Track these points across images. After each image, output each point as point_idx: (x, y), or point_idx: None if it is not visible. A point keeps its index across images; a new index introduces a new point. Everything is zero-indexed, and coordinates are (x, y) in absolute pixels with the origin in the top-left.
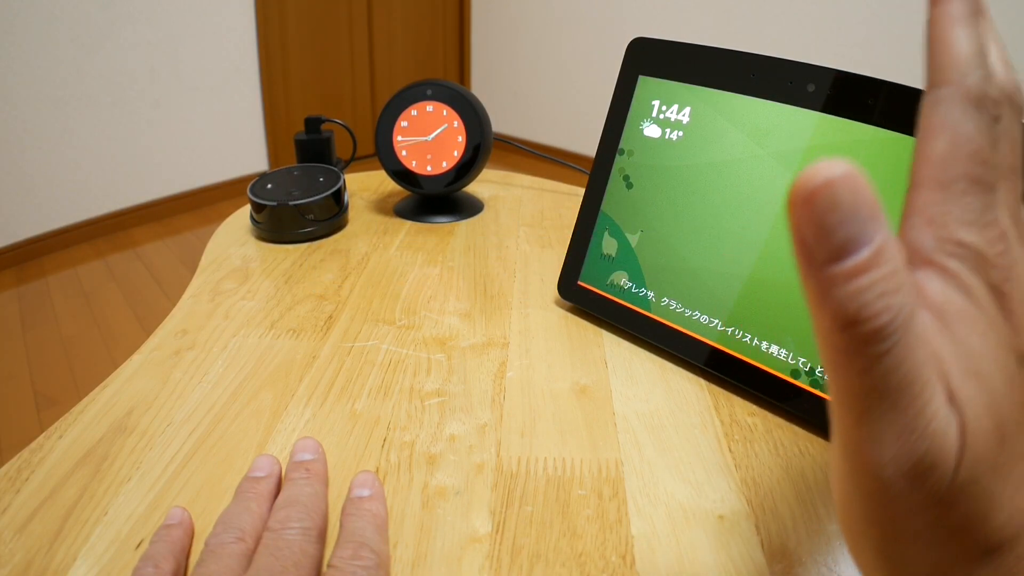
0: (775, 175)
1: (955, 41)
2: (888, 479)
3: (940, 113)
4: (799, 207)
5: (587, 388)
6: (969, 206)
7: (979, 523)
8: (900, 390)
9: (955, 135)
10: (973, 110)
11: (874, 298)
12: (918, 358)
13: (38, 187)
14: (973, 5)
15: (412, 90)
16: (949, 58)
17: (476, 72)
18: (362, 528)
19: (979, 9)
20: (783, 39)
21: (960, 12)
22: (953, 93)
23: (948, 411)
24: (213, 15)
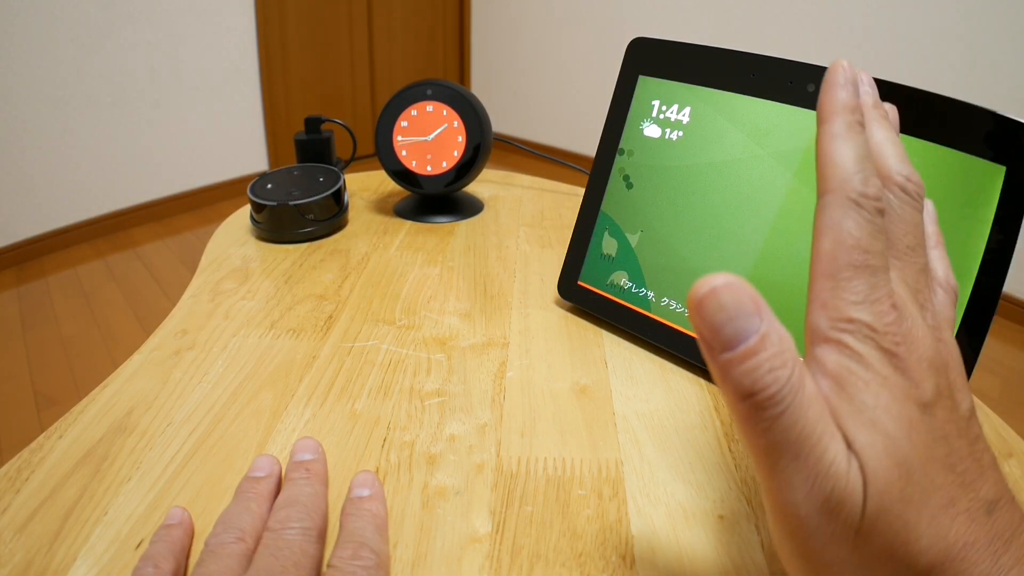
0: (775, 175)
1: (834, 154)
2: (804, 517)
3: (825, 216)
4: (693, 311)
5: (587, 388)
6: (855, 289)
7: (900, 549)
8: (799, 443)
9: (837, 233)
10: (852, 210)
11: (763, 374)
12: (810, 416)
13: (38, 187)
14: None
15: (412, 90)
16: (831, 169)
17: (476, 72)
18: (362, 528)
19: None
20: (783, 39)
21: (840, 129)
22: (835, 199)
23: (847, 455)
24: (213, 15)
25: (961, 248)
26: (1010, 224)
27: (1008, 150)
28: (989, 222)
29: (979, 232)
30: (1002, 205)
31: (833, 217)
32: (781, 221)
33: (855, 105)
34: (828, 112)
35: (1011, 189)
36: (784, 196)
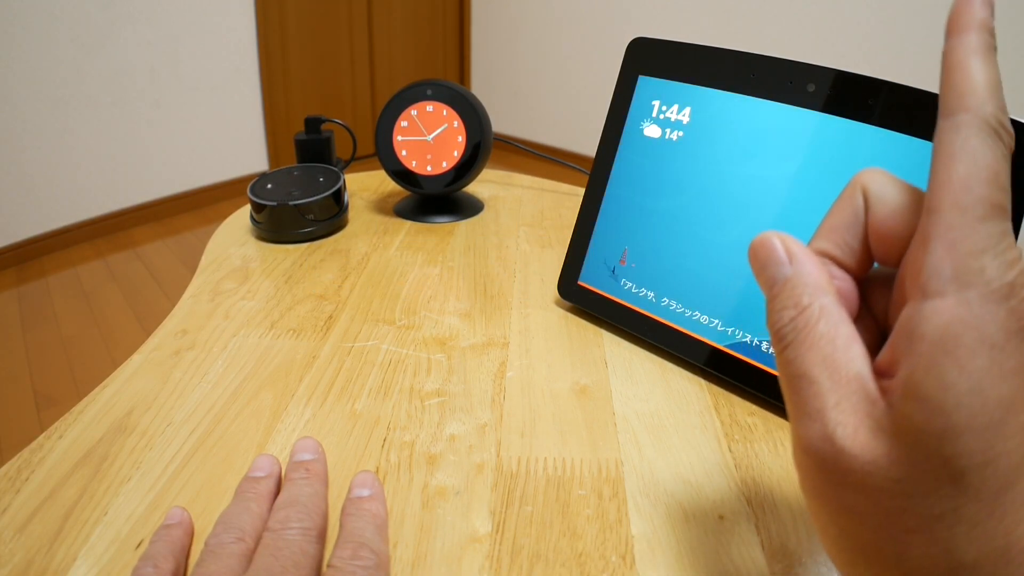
0: (775, 175)
1: (974, 71)
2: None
3: (960, 139)
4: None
5: (587, 388)
6: (990, 231)
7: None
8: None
9: (975, 160)
10: (992, 138)
11: (776, 312)
12: (808, 357)
13: (38, 187)
14: (990, 40)
15: (412, 90)
16: (968, 86)
17: (476, 72)
18: (362, 528)
19: (995, 47)
20: (783, 39)
21: (978, 44)
22: (972, 120)
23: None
24: (213, 15)
25: None
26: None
27: None
28: None
29: None
30: None
31: (970, 140)
32: (781, 221)
33: (993, 29)
34: (966, 23)
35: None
36: (784, 196)
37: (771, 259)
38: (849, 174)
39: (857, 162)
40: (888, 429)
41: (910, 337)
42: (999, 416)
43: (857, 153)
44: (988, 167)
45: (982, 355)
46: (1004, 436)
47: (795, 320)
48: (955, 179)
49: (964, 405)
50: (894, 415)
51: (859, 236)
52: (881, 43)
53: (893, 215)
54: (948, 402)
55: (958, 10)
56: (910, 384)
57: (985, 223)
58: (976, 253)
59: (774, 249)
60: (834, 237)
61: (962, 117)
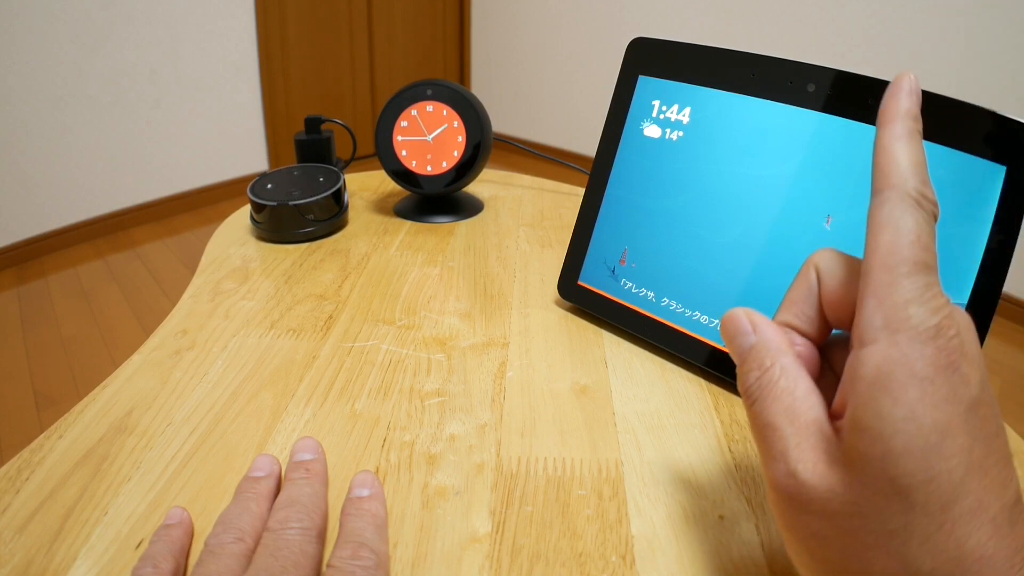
0: (775, 175)
1: (897, 154)
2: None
3: (884, 211)
4: None
5: (587, 388)
6: (915, 284)
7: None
8: (765, 430)
9: (897, 227)
10: (912, 207)
11: (744, 374)
12: (773, 409)
13: (38, 187)
14: (914, 125)
15: (412, 90)
16: (891, 167)
17: (476, 72)
18: (362, 528)
19: (918, 130)
20: (783, 39)
21: (902, 131)
22: (895, 195)
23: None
24: (213, 15)
25: (961, 248)
26: (1010, 224)
27: (1008, 150)
28: (989, 222)
29: (979, 232)
30: (1002, 205)
31: (893, 212)
32: (781, 221)
33: (917, 115)
34: (892, 115)
35: (1011, 189)
36: (784, 196)
37: (738, 331)
38: (849, 174)
39: (857, 162)
40: (840, 460)
41: (852, 380)
42: (935, 439)
43: (857, 153)
44: (910, 232)
45: (913, 387)
46: (942, 456)
47: (759, 379)
48: (881, 245)
49: (900, 431)
50: (844, 447)
51: (815, 307)
52: (881, 43)
53: (840, 286)
54: (885, 430)
55: (885, 105)
56: (854, 419)
57: (910, 278)
58: (903, 304)
59: (740, 321)
60: (794, 309)
61: (886, 194)
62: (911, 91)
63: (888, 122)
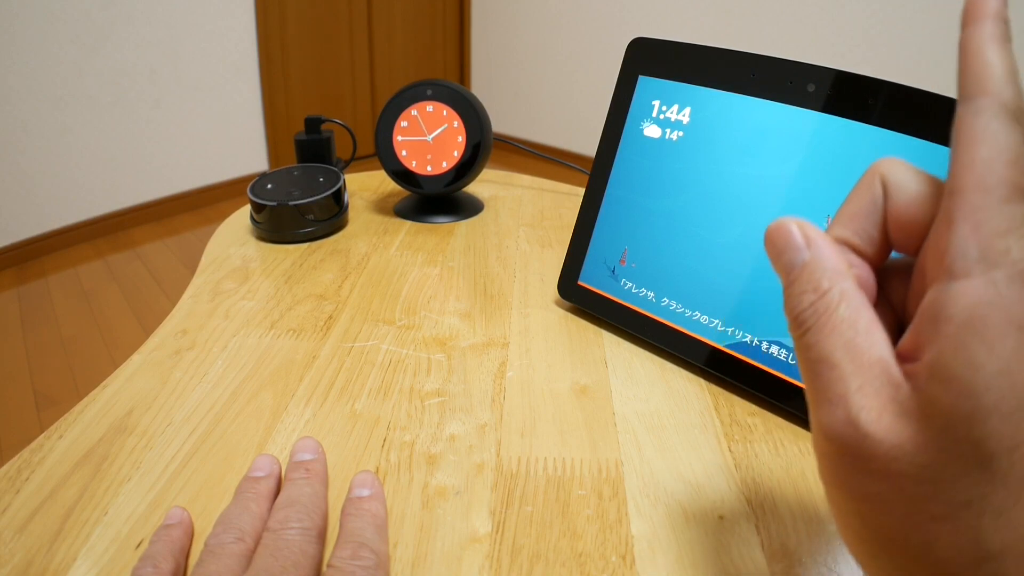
0: (775, 175)
1: (990, 58)
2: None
3: (982, 122)
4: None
5: (587, 388)
6: (1014, 213)
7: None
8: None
9: (997, 143)
10: (1011, 122)
11: (794, 297)
12: (829, 342)
13: (38, 187)
14: (1005, 29)
15: (412, 90)
16: (987, 71)
17: (476, 72)
18: (362, 528)
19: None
20: (783, 39)
21: (994, 32)
22: (992, 104)
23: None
24: (213, 15)
25: None
26: None
27: None
28: None
29: None
30: None
31: (992, 124)
32: None
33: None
34: (982, 12)
35: None
36: (784, 196)
37: (788, 244)
38: (849, 174)
39: (857, 162)
40: (914, 412)
41: (936, 319)
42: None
43: (857, 153)
44: (1009, 149)
45: (1011, 336)
46: None
47: (815, 304)
48: (978, 161)
49: (993, 387)
50: (920, 398)
51: (878, 224)
52: (881, 43)
53: (913, 202)
54: (977, 383)
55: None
56: (937, 366)
57: (1009, 204)
58: (1002, 233)
59: (791, 234)
60: (852, 225)
61: (982, 101)
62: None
63: (978, 19)
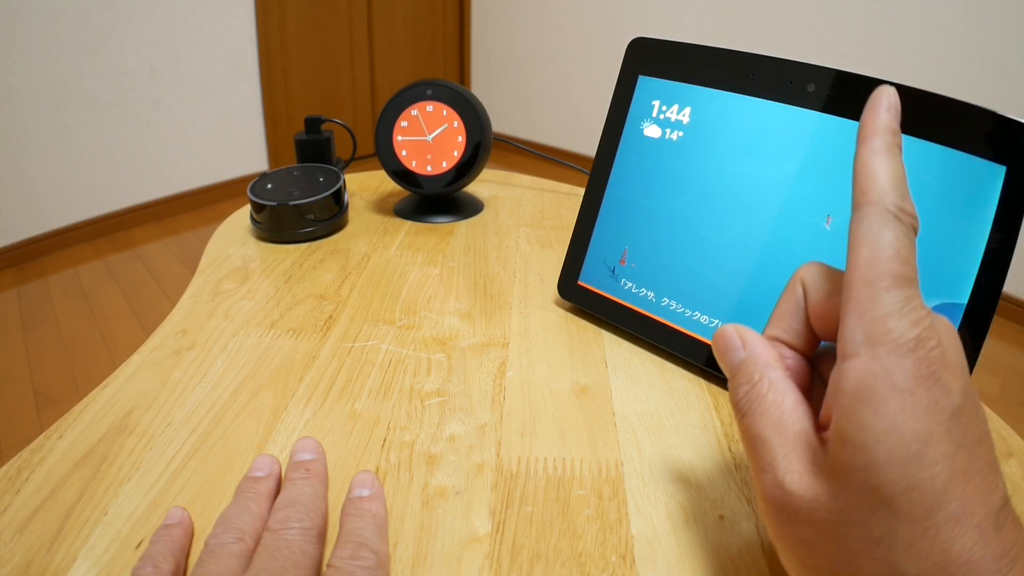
0: (775, 175)
1: (876, 169)
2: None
3: (864, 226)
4: None
5: (587, 388)
6: (895, 298)
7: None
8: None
9: (876, 242)
10: (892, 222)
11: (734, 388)
12: (762, 422)
13: (38, 187)
14: (893, 140)
15: (412, 90)
16: (871, 183)
17: (476, 72)
18: (362, 528)
19: (898, 144)
20: (783, 39)
21: (881, 146)
22: (874, 210)
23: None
24: (213, 15)
25: (961, 248)
26: (1010, 224)
27: (1008, 150)
28: (989, 222)
29: (979, 232)
30: (1002, 205)
31: (872, 228)
32: (781, 221)
33: (896, 129)
34: (871, 130)
35: (1011, 189)
36: (784, 196)
37: (728, 346)
38: (849, 174)
39: None
40: (826, 470)
41: (835, 393)
42: (917, 448)
43: None
44: (889, 246)
45: (893, 399)
46: (924, 465)
47: (748, 393)
48: (861, 260)
49: (881, 442)
50: (829, 458)
51: (803, 320)
52: (881, 43)
53: (825, 299)
54: (867, 441)
55: (865, 120)
56: (837, 430)
57: (890, 292)
58: (883, 317)
59: (730, 338)
60: (782, 324)
61: (865, 209)
62: (890, 106)
63: (867, 138)
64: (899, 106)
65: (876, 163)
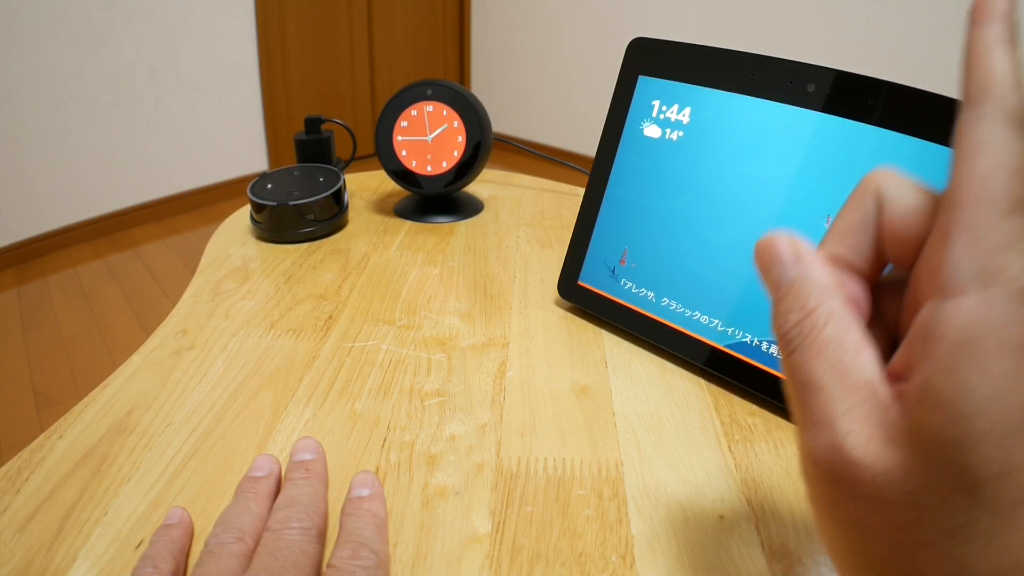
0: (775, 175)
1: (996, 61)
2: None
3: (983, 131)
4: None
5: (587, 388)
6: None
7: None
8: (804, 388)
9: (999, 153)
10: (1016, 131)
11: (781, 315)
12: (816, 364)
13: (38, 187)
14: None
15: (412, 90)
16: (991, 76)
17: (476, 72)
18: (362, 528)
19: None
20: (783, 39)
21: (1000, 35)
22: (995, 111)
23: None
24: (213, 15)
25: None
26: None
27: None
28: None
29: None
30: None
31: (994, 132)
32: (782, 221)
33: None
34: (989, 13)
35: None
36: (784, 196)
37: (776, 260)
38: (849, 174)
39: (857, 162)
40: (902, 437)
41: (928, 338)
42: (1020, 424)
43: (857, 153)
44: (1011, 160)
45: (1005, 358)
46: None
47: (801, 324)
48: (978, 172)
49: (985, 412)
50: (909, 422)
51: (871, 238)
52: (881, 43)
53: (908, 215)
54: (968, 408)
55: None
56: (927, 388)
57: (1009, 218)
58: (1000, 249)
59: (779, 249)
60: (846, 240)
61: (985, 108)
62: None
63: (984, 20)
64: None
65: (996, 54)
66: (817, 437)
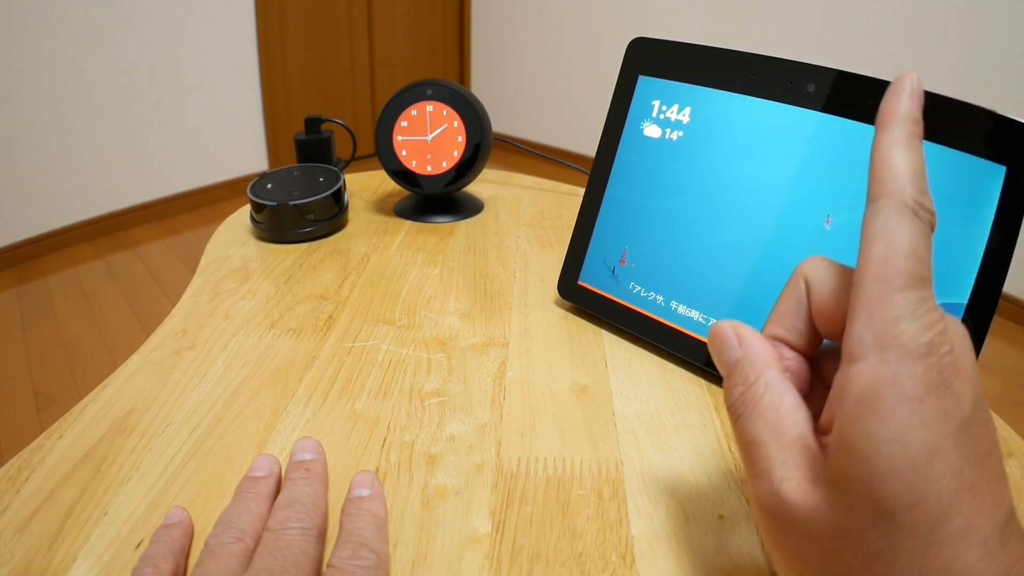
0: (775, 175)
1: (895, 159)
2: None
3: (879, 220)
4: None
5: (587, 388)
6: (908, 299)
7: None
8: (749, 447)
9: (892, 239)
10: (909, 217)
11: (729, 389)
12: (757, 426)
13: (38, 187)
14: (914, 129)
15: (412, 90)
16: (888, 174)
17: (476, 72)
18: (362, 528)
19: (919, 134)
20: (783, 39)
21: (901, 135)
22: (891, 204)
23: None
24: (213, 15)
25: (961, 248)
26: (1010, 224)
27: (1008, 150)
28: (989, 222)
29: (979, 232)
30: (1002, 205)
31: (889, 222)
32: (781, 221)
33: (918, 118)
34: (891, 118)
35: (1011, 189)
36: (784, 196)
37: (724, 344)
38: (849, 174)
39: (857, 162)
40: (826, 479)
41: (840, 397)
42: (923, 461)
43: (857, 153)
44: (905, 243)
45: (901, 408)
46: (931, 478)
47: (744, 395)
48: (874, 257)
49: (886, 453)
50: (829, 466)
51: (805, 318)
52: (881, 43)
53: (831, 296)
54: (871, 451)
55: (885, 106)
56: (840, 437)
57: (903, 292)
58: (893, 320)
59: (726, 335)
60: (782, 322)
61: (881, 202)
62: (912, 92)
63: (887, 125)
64: (922, 93)
65: (895, 153)
66: (760, 485)
